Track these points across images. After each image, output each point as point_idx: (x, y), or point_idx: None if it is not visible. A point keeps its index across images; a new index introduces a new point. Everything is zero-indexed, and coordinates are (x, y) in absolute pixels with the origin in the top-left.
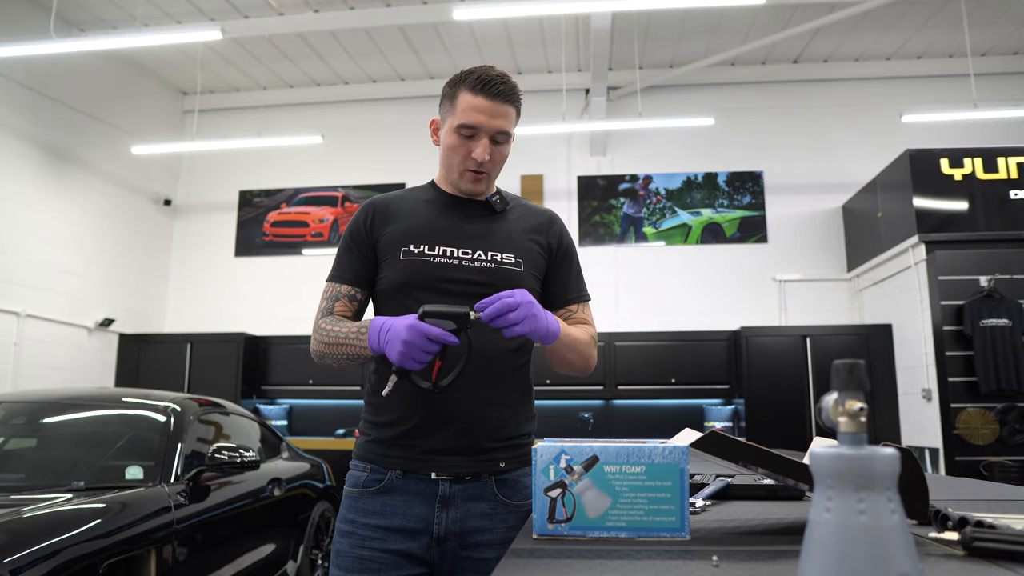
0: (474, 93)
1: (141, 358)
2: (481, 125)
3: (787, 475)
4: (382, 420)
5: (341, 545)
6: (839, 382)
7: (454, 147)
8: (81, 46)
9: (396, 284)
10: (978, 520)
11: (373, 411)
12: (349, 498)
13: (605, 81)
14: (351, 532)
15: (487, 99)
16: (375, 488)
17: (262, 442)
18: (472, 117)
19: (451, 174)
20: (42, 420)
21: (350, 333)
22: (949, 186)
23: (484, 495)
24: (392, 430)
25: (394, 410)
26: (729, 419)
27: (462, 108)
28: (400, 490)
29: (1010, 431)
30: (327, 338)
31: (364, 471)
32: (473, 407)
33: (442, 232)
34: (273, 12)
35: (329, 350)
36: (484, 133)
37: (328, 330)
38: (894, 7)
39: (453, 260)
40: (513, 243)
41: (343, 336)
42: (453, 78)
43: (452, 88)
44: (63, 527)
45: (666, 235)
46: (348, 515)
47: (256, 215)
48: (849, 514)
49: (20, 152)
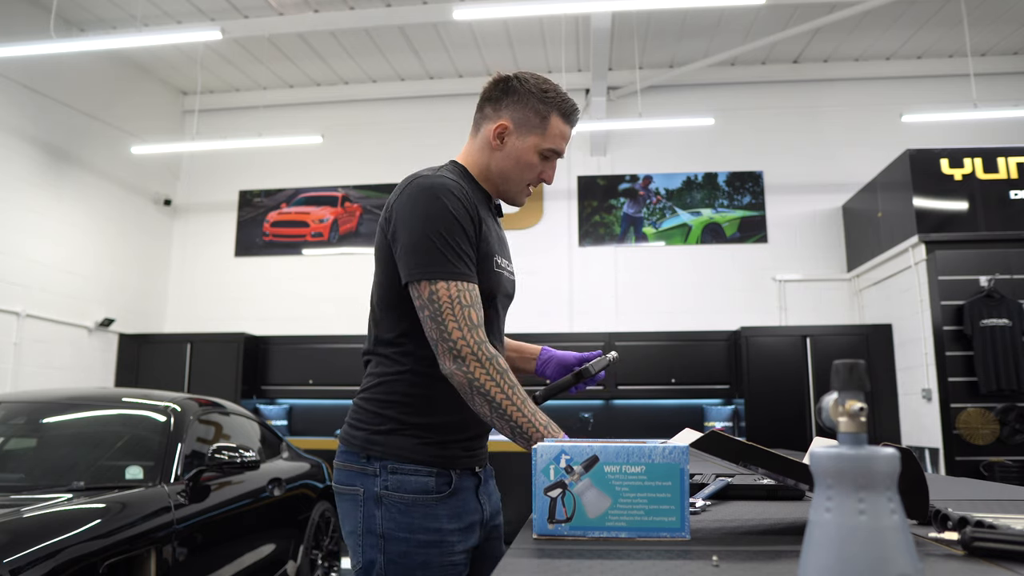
0: (564, 121)
1: (141, 358)
2: (562, 152)
3: (787, 475)
4: (447, 423)
5: (428, 556)
6: (839, 382)
7: (531, 165)
8: (81, 46)
9: (486, 296)
10: (978, 520)
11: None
12: (424, 505)
13: (605, 81)
14: (439, 541)
15: (570, 127)
16: (447, 492)
17: (262, 442)
18: (560, 144)
19: (513, 187)
20: (42, 420)
21: (539, 423)
22: (949, 186)
23: (488, 475)
24: (458, 433)
25: (459, 415)
26: (729, 419)
27: (553, 133)
28: (462, 489)
29: (1010, 431)
30: (508, 390)
31: (429, 475)
32: None
33: (502, 243)
34: (273, 12)
35: (502, 405)
36: (558, 157)
37: (512, 383)
38: (894, 7)
39: (508, 274)
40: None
41: (529, 412)
42: (539, 92)
43: (543, 106)
44: (63, 527)
45: (666, 235)
46: (428, 524)
47: (256, 215)
48: (849, 514)
49: (20, 152)
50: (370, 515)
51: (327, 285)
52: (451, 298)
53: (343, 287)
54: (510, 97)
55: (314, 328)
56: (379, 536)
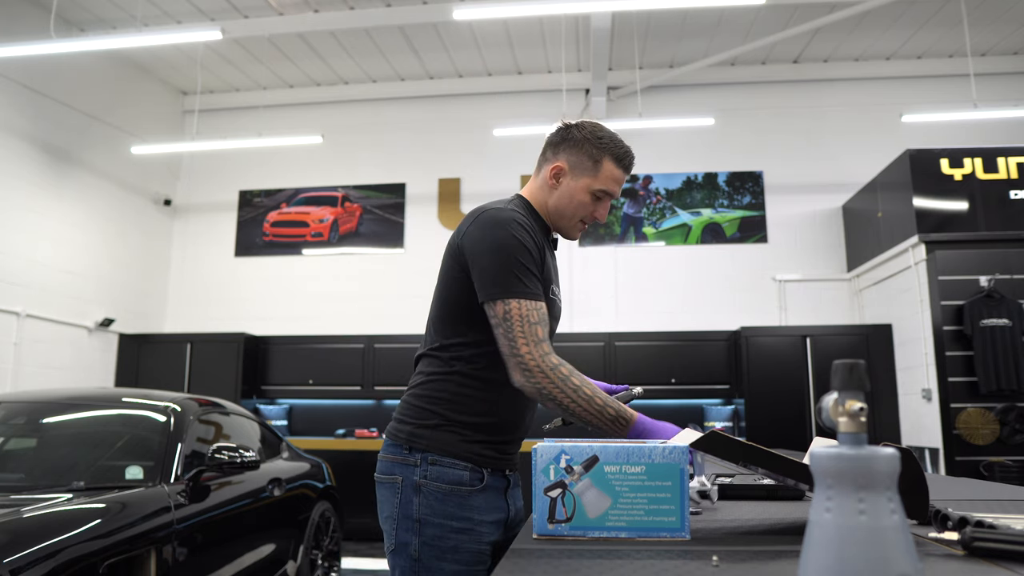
0: (617, 166)
1: (141, 358)
2: (615, 194)
3: (787, 475)
4: (483, 424)
5: (459, 541)
6: (839, 382)
7: (584, 204)
8: (81, 46)
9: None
10: (978, 520)
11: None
12: (459, 495)
13: (605, 81)
14: (470, 529)
15: (624, 173)
16: (480, 486)
17: (262, 442)
18: (612, 187)
19: (568, 222)
20: (42, 420)
21: (606, 411)
22: (949, 186)
23: (516, 481)
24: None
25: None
26: (729, 419)
27: (606, 176)
28: (491, 487)
29: (1010, 431)
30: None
31: (464, 469)
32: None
33: (556, 274)
34: (273, 12)
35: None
36: (611, 199)
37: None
38: (894, 7)
39: (559, 301)
40: None
41: (598, 409)
42: (592, 136)
43: (594, 150)
44: (63, 527)
45: (666, 235)
46: (461, 512)
47: (256, 215)
48: (849, 514)
49: (20, 152)
50: (407, 501)
51: (327, 285)
52: (521, 316)
53: (343, 287)
54: (567, 142)
55: (314, 328)
56: (415, 520)
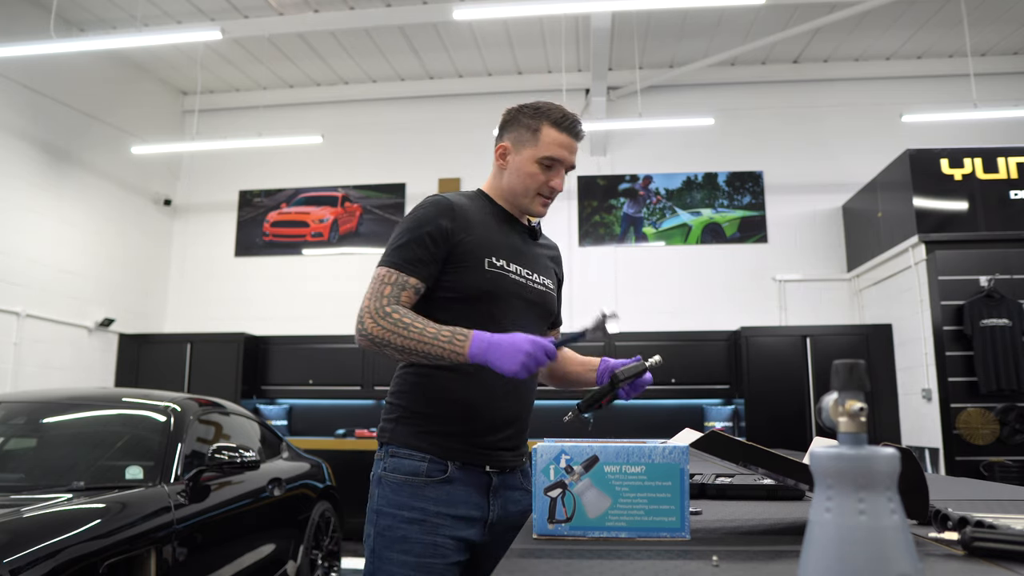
0: (559, 130)
1: (141, 358)
2: (563, 159)
3: (787, 475)
4: (442, 414)
5: (409, 531)
6: (839, 382)
7: (533, 175)
8: (81, 46)
9: (480, 292)
10: (978, 520)
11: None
12: (411, 486)
13: (605, 81)
14: (422, 520)
15: (569, 137)
16: (439, 478)
17: (262, 442)
18: (557, 152)
19: (524, 198)
20: (42, 420)
21: (441, 335)
22: (949, 186)
23: (515, 484)
24: (455, 426)
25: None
26: (729, 419)
27: (547, 142)
28: (460, 480)
29: (1010, 431)
30: (405, 331)
31: (421, 460)
32: (521, 412)
33: (515, 251)
34: (273, 12)
35: (401, 342)
36: (562, 166)
37: (407, 323)
38: (894, 7)
39: (520, 279)
40: (548, 269)
41: (431, 335)
42: (528, 110)
43: (532, 120)
44: (63, 527)
45: (666, 235)
46: (414, 503)
47: (256, 215)
48: (849, 514)
49: (20, 152)
50: (372, 494)
51: (327, 285)
52: (380, 280)
53: (343, 287)
54: (509, 123)
55: (314, 328)
56: (375, 512)
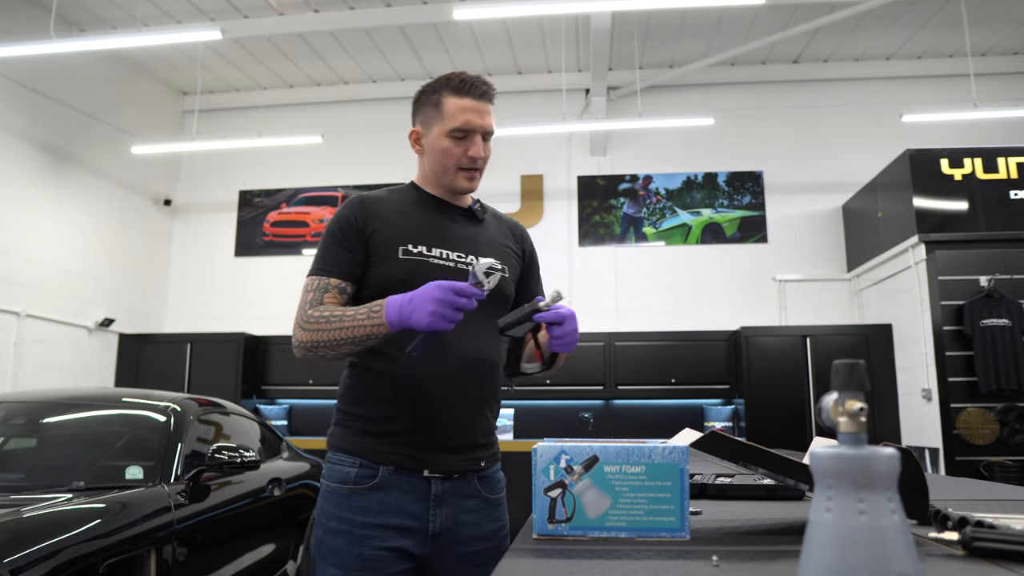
0: (459, 96)
1: (141, 358)
2: (474, 125)
3: (787, 475)
4: (373, 414)
5: (336, 543)
6: (839, 382)
7: (448, 150)
8: (81, 46)
9: (395, 282)
10: (978, 520)
11: (360, 404)
12: (339, 495)
13: (605, 81)
14: (347, 531)
15: (473, 99)
16: (368, 485)
17: (262, 442)
18: (464, 118)
19: (446, 176)
20: (42, 420)
21: (359, 315)
22: (949, 186)
23: (470, 492)
24: (386, 425)
25: (389, 406)
26: (729, 419)
27: (451, 112)
28: (394, 487)
29: (1010, 431)
30: (327, 324)
31: (352, 466)
32: (467, 407)
33: (437, 234)
34: (273, 12)
35: (327, 337)
36: (476, 132)
37: (327, 316)
38: (894, 7)
39: (449, 263)
40: (497, 249)
41: (349, 318)
42: (428, 87)
43: (432, 95)
44: (63, 527)
45: (666, 235)
46: (340, 512)
47: (256, 215)
48: (849, 514)
49: (20, 152)
50: None
51: None
52: (304, 289)
53: None
54: (415, 106)
55: None
56: (315, 521)
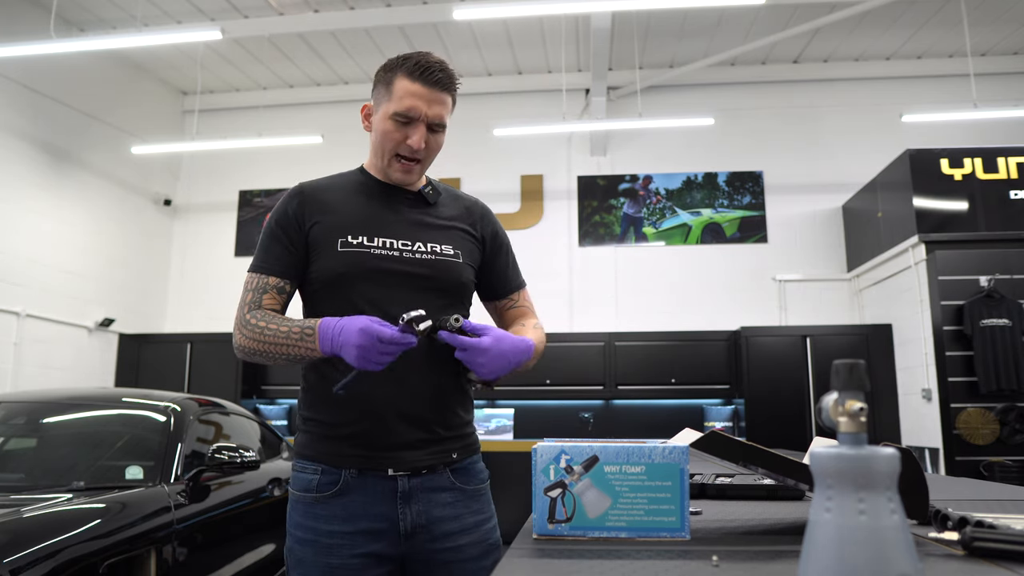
0: (411, 79)
1: (141, 358)
2: (418, 112)
3: (787, 475)
4: (331, 418)
5: (304, 554)
6: (839, 382)
7: (388, 133)
8: (81, 46)
9: (335, 276)
10: (978, 520)
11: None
12: (304, 504)
13: (605, 81)
14: (313, 540)
15: (425, 86)
16: (331, 491)
17: (262, 442)
18: (410, 103)
19: (382, 161)
20: (42, 420)
21: (292, 334)
22: (949, 186)
23: (443, 485)
24: (344, 428)
25: (346, 406)
26: (729, 419)
27: (399, 95)
28: (358, 490)
29: (1010, 431)
30: (262, 336)
31: (314, 473)
32: (427, 399)
33: (379, 223)
34: (273, 12)
35: (262, 348)
36: (421, 121)
37: (263, 327)
38: (894, 7)
39: (393, 252)
40: (449, 235)
41: (284, 336)
42: (388, 63)
43: (388, 73)
44: (63, 527)
45: (666, 235)
46: (305, 522)
47: (256, 215)
48: (849, 514)
49: (20, 152)
50: None
51: None
52: (244, 285)
53: None
54: (374, 83)
55: None
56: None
